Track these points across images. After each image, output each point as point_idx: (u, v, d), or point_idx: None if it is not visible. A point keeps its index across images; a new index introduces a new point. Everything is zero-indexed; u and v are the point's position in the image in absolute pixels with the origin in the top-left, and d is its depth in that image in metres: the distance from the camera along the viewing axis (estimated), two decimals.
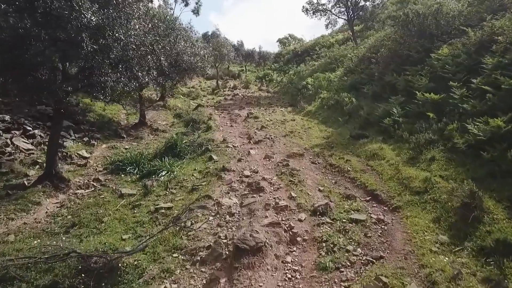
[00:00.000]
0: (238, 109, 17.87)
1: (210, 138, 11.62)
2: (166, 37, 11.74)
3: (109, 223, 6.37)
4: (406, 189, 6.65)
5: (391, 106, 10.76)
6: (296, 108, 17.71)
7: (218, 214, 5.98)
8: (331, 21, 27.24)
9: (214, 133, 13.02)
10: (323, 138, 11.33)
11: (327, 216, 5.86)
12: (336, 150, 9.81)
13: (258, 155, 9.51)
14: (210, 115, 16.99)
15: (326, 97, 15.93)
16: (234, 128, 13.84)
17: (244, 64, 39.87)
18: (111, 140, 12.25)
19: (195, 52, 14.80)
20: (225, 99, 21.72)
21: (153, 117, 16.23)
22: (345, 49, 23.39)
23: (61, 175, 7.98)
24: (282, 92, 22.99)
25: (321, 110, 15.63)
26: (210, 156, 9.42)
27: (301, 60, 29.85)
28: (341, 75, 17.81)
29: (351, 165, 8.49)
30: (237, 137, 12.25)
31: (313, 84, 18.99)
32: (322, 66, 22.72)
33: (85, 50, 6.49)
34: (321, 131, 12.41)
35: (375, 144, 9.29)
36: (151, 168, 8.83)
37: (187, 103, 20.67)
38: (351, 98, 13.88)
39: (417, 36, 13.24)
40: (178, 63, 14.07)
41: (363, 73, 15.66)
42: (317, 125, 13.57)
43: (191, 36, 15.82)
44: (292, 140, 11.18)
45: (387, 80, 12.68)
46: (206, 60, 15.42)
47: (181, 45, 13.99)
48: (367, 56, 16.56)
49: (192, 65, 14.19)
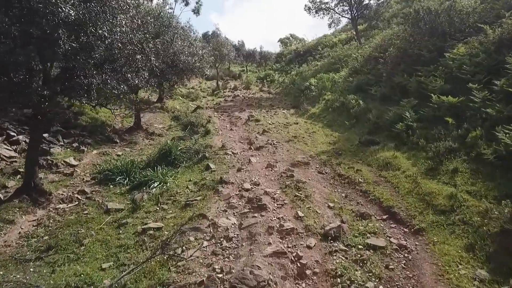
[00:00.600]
0: (239, 111, 17.02)
1: (208, 143, 10.77)
2: (159, 35, 10.89)
3: (89, 246, 5.52)
4: (429, 207, 5.78)
5: (403, 109, 9.88)
6: (299, 110, 16.84)
7: (213, 238, 5.13)
8: (334, 20, 26.41)
9: (213, 137, 12.16)
10: (330, 144, 10.46)
11: (340, 241, 5.00)
12: (345, 158, 8.95)
13: (260, 163, 8.65)
14: (209, 117, 16.15)
15: (330, 99, 15.06)
16: (234, 132, 12.98)
17: (245, 65, 39.00)
18: (103, 145, 11.40)
19: (193, 52, 13.95)
20: (225, 101, 20.87)
21: (150, 120, 15.39)
22: (349, 48, 22.50)
23: (41, 188, 7.14)
24: (284, 93, 22.13)
25: (326, 112, 14.77)
26: (207, 164, 8.56)
27: (303, 60, 28.96)
28: (346, 76, 16.93)
29: (362, 175, 7.63)
30: (237, 142, 11.39)
31: (316, 85, 18.11)
32: (326, 66, 21.84)
33: (63, 48, 5.64)
34: (327, 136, 11.54)
35: (387, 152, 8.42)
36: (142, 178, 7.98)
37: (185, 105, 19.85)
38: (358, 100, 13.00)
39: (428, 35, 12.34)
40: (175, 63, 13.22)
41: (369, 74, 14.77)
42: (322, 129, 12.71)
43: (189, 35, 14.95)
44: (296, 146, 10.31)
45: (397, 81, 11.80)
46: (204, 60, 14.56)
47: (178, 44, 13.15)
48: (374, 55, 15.67)
49: (190, 65, 13.33)
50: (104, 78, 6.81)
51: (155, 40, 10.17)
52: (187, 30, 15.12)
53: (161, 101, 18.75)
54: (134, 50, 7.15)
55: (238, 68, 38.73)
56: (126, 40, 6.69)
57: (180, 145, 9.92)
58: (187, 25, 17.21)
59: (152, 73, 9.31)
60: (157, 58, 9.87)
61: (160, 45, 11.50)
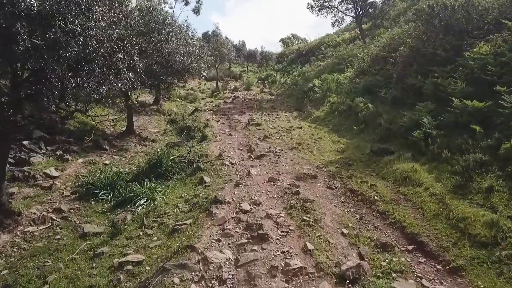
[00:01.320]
0: (238, 114, 16.00)
1: (204, 151, 9.75)
2: (148, 32, 9.88)
3: (54, 284, 4.52)
4: (464, 237, 4.75)
5: (419, 114, 8.84)
6: (303, 113, 15.82)
7: (203, 279, 4.11)
8: (338, 18, 25.33)
9: (210, 144, 11.15)
10: (338, 153, 9.43)
11: (360, 285, 3.98)
12: (356, 169, 7.92)
13: (261, 176, 7.63)
14: (208, 121, 15.14)
15: (336, 102, 14.03)
16: (233, 138, 11.96)
17: (246, 65, 37.99)
18: (91, 153, 10.40)
19: (189, 52, 12.93)
20: (225, 103, 19.85)
21: (144, 124, 14.38)
22: (354, 48, 21.44)
23: (8, 208, 6.13)
24: (286, 95, 21.09)
25: (331, 116, 13.73)
26: (201, 177, 7.55)
27: (306, 60, 27.91)
28: (352, 77, 15.88)
29: (377, 192, 6.60)
30: (235, 149, 10.37)
31: (320, 86, 17.07)
32: (329, 67, 20.78)
33: (23, 46, 4.62)
34: (334, 143, 10.50)
35: (404, 164, 7.38)
36: (128, 194, 6.96)
37: (183, 107, 18.84)
38: (366, 103, 11.98)
39: (442, 32, 11.28)
40: (170, 64, 12.21)
41: (378, 75, 13.73)
42: (328, 134, 11.67)
43: (186, 34, 13.93)
44: (300, 154, 9.28)
45: (410, 82, 10.75)
46: (202, 60, 13.53)
47: (173, 43, 12.13)
48: (382, 55, 14.62)
49: (186, 65, 12.31)
50: (79, 81, 5.79)
51: (142, 37, 9.13)
52: (183, 28, 14.04)
53: (158, 103, 17.74)
54: (113, 48, 6.14)
55: (239, 69, 37.72)
56: (104, 37, 5.68)
57: (172, 154, 8.89)
58: (185, 24, 16.25)
59: (138, 75, 8.24)
60: (143, 57, 8.82)
61: (150, 43, 10.52)
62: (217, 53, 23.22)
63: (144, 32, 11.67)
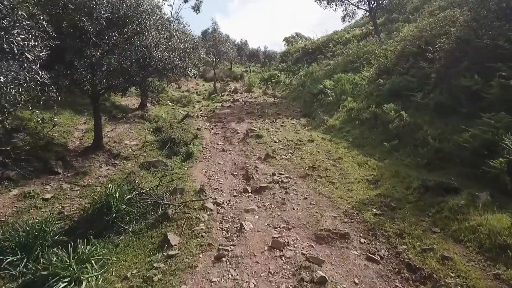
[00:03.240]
0: (236, 121, 13.12)
1: (181, 182, 6.88)
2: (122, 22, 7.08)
3: None
4: None
5: (493, 131, 5.92)
6: (313, 120, 12.92)
7: None
8: (349, 12, 22.34)
9: (195, 165, 8.30)
10: (370, 184, 6.51)
11: None
12: (405, 218, 5.01)
13: (259, 233, 4.77)
14: (198, 130, 12.30)
15: (356, 108, 11.10)
16: (226, 155, 9.10)
17: (248, 65, 35.08)
18: (34, 179, 7.62)
19: (173, 46, 10.07)
20: (222, 107, 16.97)
21: (121, 135, 11.55)
22: (368, 44, 18.40)
23: None
24: (292, 97, 18.17)
25: (349, 125, 10.82)
26: (165, 236, 4.70)
27: (313, 59, 24.90)
28: (372, 77, 12.91)
29: (458, 273, 3.73)
30: (227, 174, 7.52)
31: (333, 88, 14.13)
32: (341, 66, 17.80)
33: None
34: (360, 166, 7.58)
35: (490, 216, 4.47)
36: (39, 273, 4.13)
37: (174, 112, 16.00)
38: (398, 111, 9.05)
39: (498, 19, 8.35)
40: (147, 61, 9.36)
41: (408, 74, 10.75)
42: (349, 151, 8.76)
43: (169, 25, 11.06)
44: (317, 187, 6.38)
45: (463, 84, 7.79)
46: (188, 57, 10.65)
47: (151, 35, 9.28)
48: (409, 50, 11.64)
49: (168, 63, 9.45)
50: None
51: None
52: (164, 19, 11.18)
53: (143, 108, 14.91)
54: None
55: (241, 69, 34.81)
56: None
57: (133, 189, 5.99)
58: (175, 16, 13.41)
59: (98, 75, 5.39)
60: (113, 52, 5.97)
61: (121, 35, 7.74)
62: (214, 50, 20.33)
63: (115, 21, 8.91)
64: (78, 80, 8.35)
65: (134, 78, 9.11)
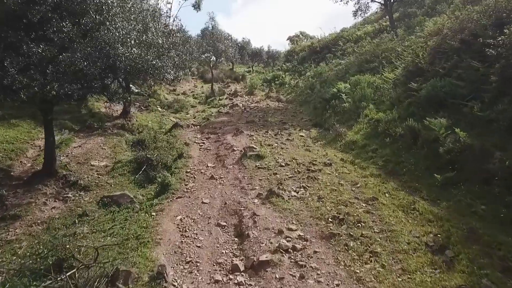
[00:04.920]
0: (233, 133, 10.60)
1: (128, 260, 4.35)
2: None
3: None
4: None
5: None
6: (326, 131, 10.41)
7: None
8: (361, 6, 19.73)
9: (167, 209, 5.81)
10: (433, 255, 3.97)
11: None
12: None
13: None
14: (186, 145, 9.85)
15: (383, 120, 8.53)
16: (215, 188, 6.61)
17: (251, 65, 32.54)
18: None
19: (148, 42, 7.59)
20: (219, 113, 14.46)
21: (90, 151, 9.11)
22: (388, 40, 15.74)
23: None
24: (299, 102, 15.63)
25: (375, 141, 8.29)
26: None
27: (321, 58, 22.27)
28: (399, 79, 10.33)
29: None
30: (211, 227, 5.06)
31: (350, 92, 11.56)
32: (355, 66, 15.20)
33: None
34: (406, 212, 5.03)
35: None
36: None
37: (163, 120, 13.55)
38: (451, 127, 6.48)
39: None
40: (111, 60, 6.88)
41: (452, 76, 8.17)
42: (381, 181, 6.26)
43: (145, 15, 8.53)
44: (352, 265, 3.88)
45: None
46: (166, 55, 8.14)
47: (114, 27, 6.81)
48: (450, 46, 9.03)
49: (139, 63, 6.97)
50: None
51: None
52: (148, 9, 8.71)
53: (126, 115, 12.46)
54: None
55: (244, 69, 32.26)
56: None
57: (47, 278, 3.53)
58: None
59: None
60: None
61: (77, 27, 5.35)
62: (211, 48, 17.81)
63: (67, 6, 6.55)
64: (9, 87, 5.92)
65: (93, 83, 6.62)
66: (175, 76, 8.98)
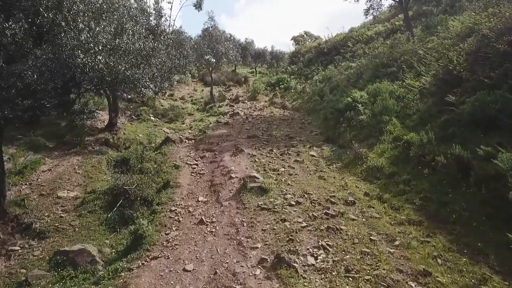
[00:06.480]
0: (232, 152, 8.91)
1: None
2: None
3: None
4: None
5: None
6: (340, 148, 8.68)
7: None
8: (374, 4, 17.78)
9: (134, 278, 4.14)
10: None
11: None
12: None
13: None
14: (176, 168, 8.20)
15: (416, 142, 6.76)
16: (204, 242, 4.94)
17: (254, 66, 30.81)
18: None
19: (123, 47, 5.92)
20: (217, 123, 12.76)
21: (58, 178, 7.47)
22: (404, 41, 13.90)
23: None
24: (306, 110, 13.90)
25: (406, 168, 6.57)
26: None
27: (329, 60, 20.47)
28: (429, 90, 8.56)
29: None
30: None
31: (368, 103, 9.80)
32: (369, 70, 13.41)
33: None
34: None
35: None
36: None
37: (156, 131, 11.90)
38: None
39: None
40: (71, 70, 5.22)
41: (502, 89, 6.39)
42: (425, 234, 4.54)
43: (123, 12, 6.85)
44: None
45: None
46: (146, 63, 6.45)
47: (76, 28, 5.15)
48: (496, 50, 7.24)
49: (106, 75, 5.29)
50: None
51: None
52: (124, 4, 7.04)
53: (112, 128, 10.81)
54: None
55: (246, 70, 30.54)
56: None
57: None
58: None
59: None
60: None
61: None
62: (210, 51, 16.11)
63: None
64: None
65: (45, 101, 4.97)
66: (156, 89, 7.29)
